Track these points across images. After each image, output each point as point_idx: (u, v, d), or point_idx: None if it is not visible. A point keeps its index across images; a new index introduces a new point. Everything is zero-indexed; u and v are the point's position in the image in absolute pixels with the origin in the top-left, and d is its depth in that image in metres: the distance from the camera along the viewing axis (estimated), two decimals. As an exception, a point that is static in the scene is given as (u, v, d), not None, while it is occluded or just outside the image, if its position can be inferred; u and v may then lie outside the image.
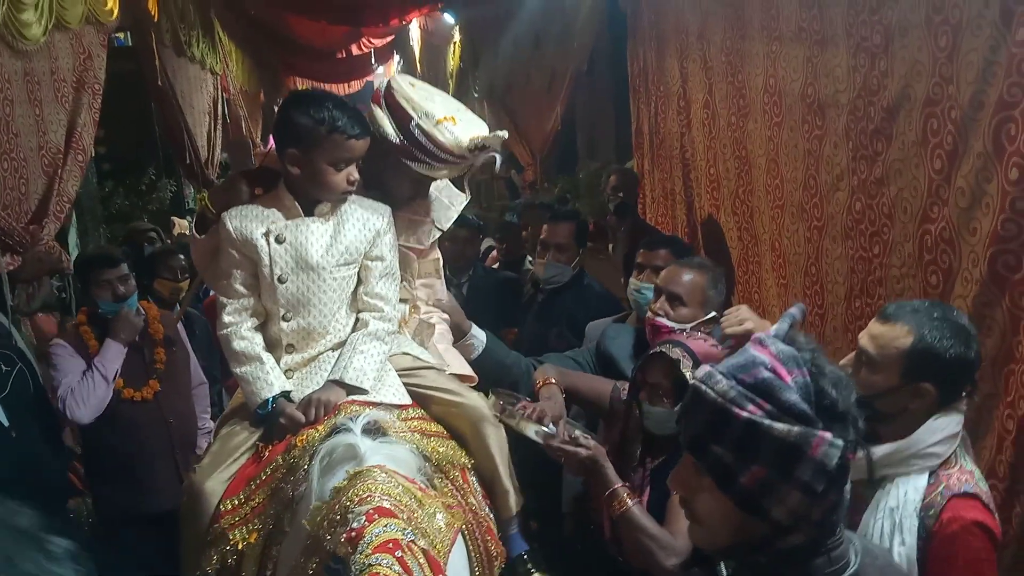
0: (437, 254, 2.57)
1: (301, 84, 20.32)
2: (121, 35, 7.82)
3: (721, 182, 4.45)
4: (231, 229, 2.17)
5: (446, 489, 2.10)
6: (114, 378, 3.44)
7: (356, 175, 2.18)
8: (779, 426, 1.35)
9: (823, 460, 1.33)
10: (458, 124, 2.23)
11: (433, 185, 2.44)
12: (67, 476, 3.53)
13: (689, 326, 2.65)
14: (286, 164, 2.14)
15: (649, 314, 2.70)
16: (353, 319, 2.26)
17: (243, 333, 2.19)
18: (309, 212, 2.19)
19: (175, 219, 9.54)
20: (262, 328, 2.24)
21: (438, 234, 2.51)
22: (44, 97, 4.32)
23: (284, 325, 2.19)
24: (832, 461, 1.34)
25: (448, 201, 2.51)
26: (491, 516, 2.23)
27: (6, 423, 3.20)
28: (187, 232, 9.11)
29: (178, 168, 9.01)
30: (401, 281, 2.40)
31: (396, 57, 17.45)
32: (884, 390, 1.96)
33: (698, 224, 4.87)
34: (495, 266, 5.14)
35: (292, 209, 2.18)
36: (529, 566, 2.29)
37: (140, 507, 3.49)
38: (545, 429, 2.29)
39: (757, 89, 3.83)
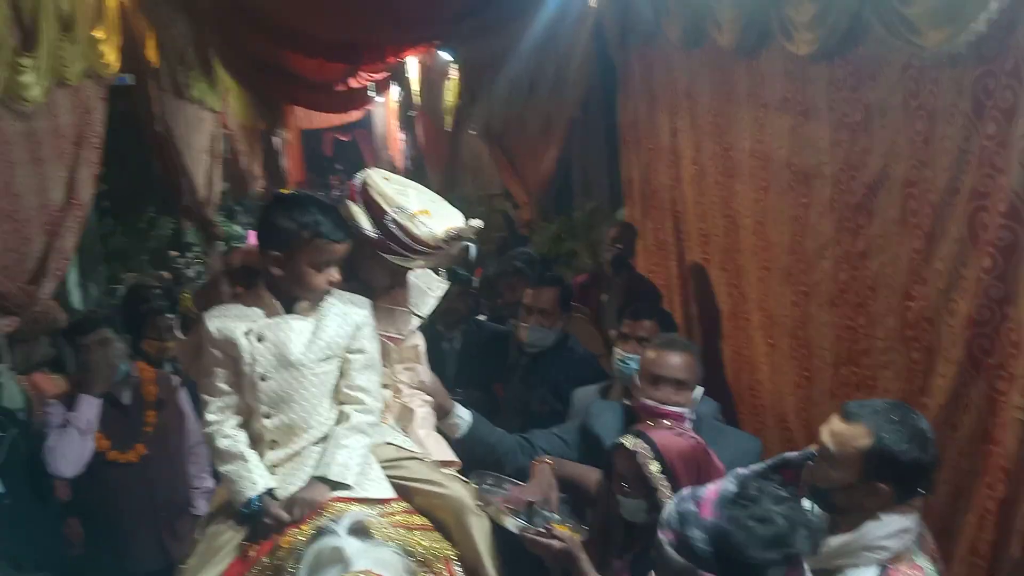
0: (417, 339, 2.60)
1: (302, 114, 20.49)
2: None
3: (711, 238, 4.50)
4: (212, 330, 2.20)
5: None
6: (91, 430, 3.42)
7: (337, 276, 2.22)
8: (672, 554, 1.50)
9: None
10: (432, 216, 2.28)
11: (411, 272, 2.49)
12: (60, 539, 3.53)
13: (690, 408, 2.69)
14: (268, 266, 2.18)
15: (652, 403, 2.70)
16: (335, 412, 2.28)
17: (226, 431, 2.21)
18: (289, 309, 2.23)
19: (175, 254, 9.61)
20: (245, 424, 2.26)
21: (417, 322, 2.55)
22: (45, 155, 4.37)
23: (266, 422, 2.21)
24: None
25: (426, 287, 2.55)
26: None
27: (2, 489, 3.24)
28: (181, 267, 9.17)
29: (177, 207, 9.06)
30: (383, 367, 2.44)
31: (395, 88, 17.59)
32: (841, 486, 2.02)
33: (689, 276, 4.92)
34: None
35: (272, 307, 2.21)
36: None
37: (123, 566, 3.50)
38: (521, 522, 2.31)
39: (744, 152, 3.89)
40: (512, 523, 2.31)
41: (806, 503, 2.13)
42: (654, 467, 2.24)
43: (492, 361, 4.38)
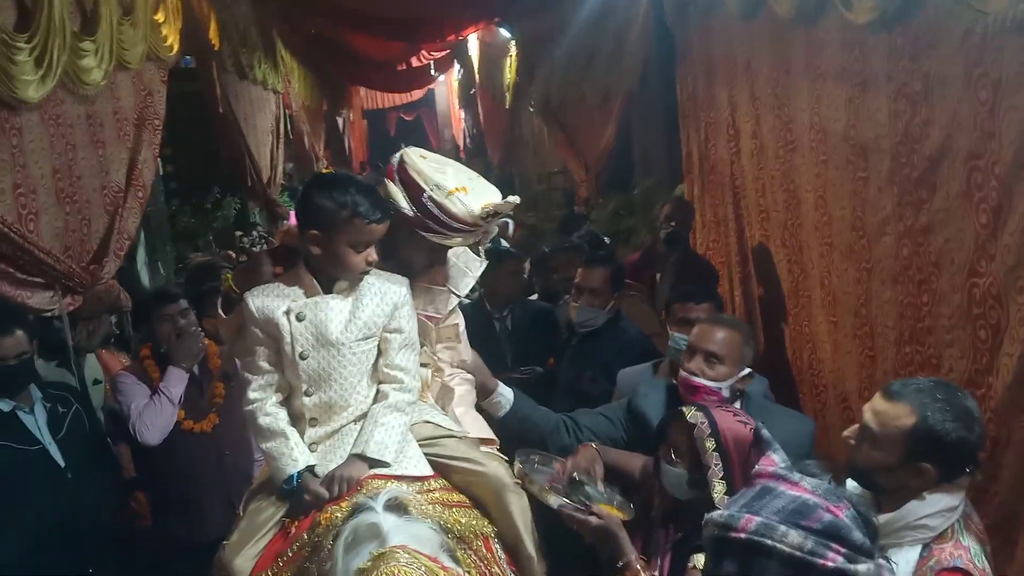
0: (457, 319, 2.59)
1: (365, 94, 20.65)
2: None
3: (771, 213, 4.39)
4: (253, 309, 2.22)
5: (469, 560, 2.11)
6: (179, 402, 3.53)
7: (375, 256, 2.23)
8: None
9: None
10: (470, 194, 2.27)
11: (450, 252, 2.47)
12: (122, 514, 3.62)
13: (726, 384, 2.64)
14: (308, 244, 2.19)
15: (684, 374, 2.69)
16: (374, 391, 2.30)
17: (268, 409, 2.25)
18: (328, 289, 2.24)
19: (239, 234, 9.80)
20: (286, 402, 2.29)
21: (456, 301, 2.53)
22: (107, 138, 4.45)
23: (306, 400, 2.24)
24: None
25: (465, 267, 2.54)
26: None
27: (63, 464, 3.33)
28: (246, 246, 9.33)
29: (241, 187, 9.21)
30: (421, 348, 2.43)
31: (456, 66, 17.59)
32: (884, 466, 1.95)
33: (749, 253, 4.81)
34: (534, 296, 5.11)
35: (312, 287, 2.23)
36: None
37: (193, 536, 3.58)
38: (562, 499, 2.31)
39: (803, 125, 3.77)
40: (553, 500, 2.30)
41: (849, 483, 2.07)
42: (709, 444, 2.22)
43: (542, 339, 4.37)
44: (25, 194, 3.51)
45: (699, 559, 2.20)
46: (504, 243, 6.72)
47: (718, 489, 2.20)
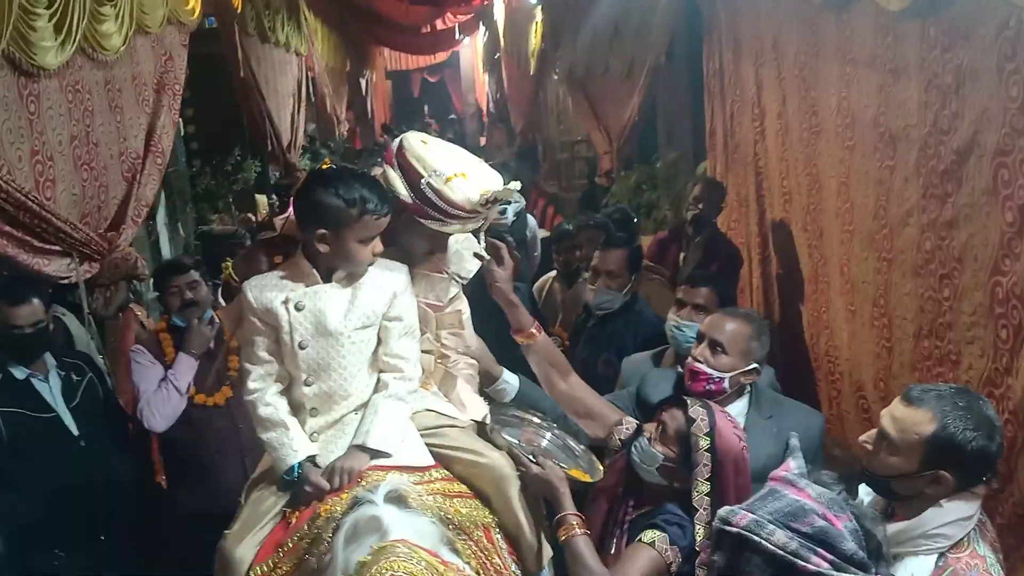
0: (460, 305, 2.55)
1: (389, 55, 20.53)
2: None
3: (793, 196, 4.33)
4: (251, 299, 2.20)
5: (469, 551, 2.10)
6: (187, 390, 3.54)
7: (380, 247, 2.20)
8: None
9: None
10: (468, 180, 2.21)
11: (453, 237, 2.44)
12: (135, 482, 3.65)
13: (728, 375, 2.62)
14: (315, 242, 2.16)
15: (689, 359, 2.67)
16: (375, 379, 2.27)
17: (268, 399, 2.23)
18: (327, 278, 2.22)
19: (260, 197, 9.81)
20: (287, 391, 2.27)
21: (457, 288, 2.50)
22: (125, 103, 4.43)
23: (306, 389, 2.22)
24: None
25: (468, 253, 2.50)
26: (517, 572, 2.23)
27: (76, 432, 3.35)
28: (265, 212, 9.33)
29: (262, 150, 9.20)
30: (422, 335, 2.41)
31: (482, 29, 17.43)
32: (901, 473, 1.92)
33: (770, 235, 4.76)
34: (552, 273, 5.06)
35: (310, 276, 2.20)
36: None
37: (208, 507, 3.61)
38: (513, 442, 2.33)
39: (830, 109, 3.70)
40: (501, 440, 2.32)
41: (863, 489, 2.05)
42: (703, 443, 2.21)
43: (536, 312, 4.35)
44: (42, 161, 3.51)
45: (648, 534, 2.22)
46: (531, 222, 6.68)
47: (701, 489, 2.20)
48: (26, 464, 3.19)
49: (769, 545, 1.45)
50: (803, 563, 1.41)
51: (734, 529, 1.55)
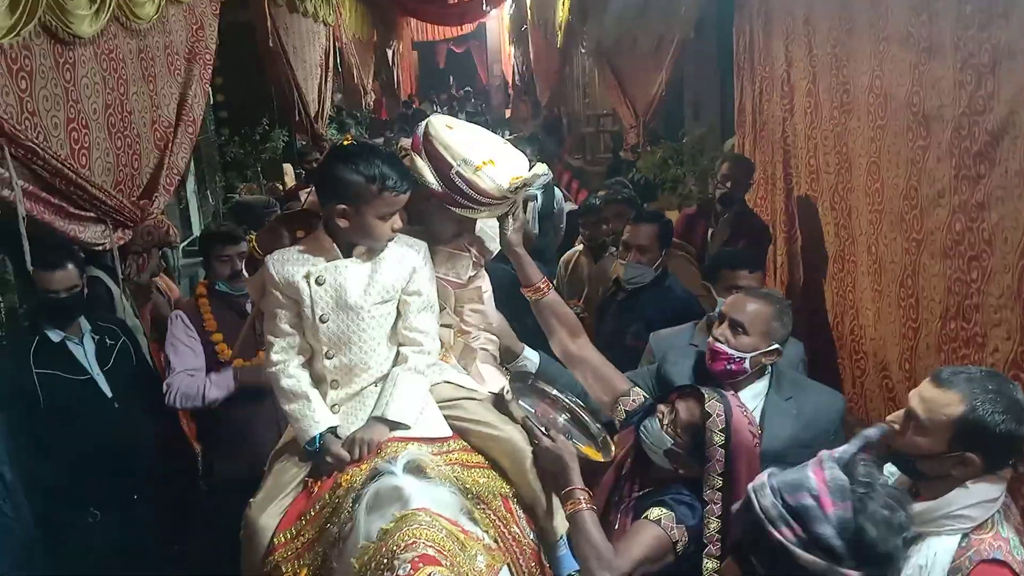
0: (479, 282, 2.58)
1: (415, 26, 20.45)
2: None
3: (821, 174, 4.31)
4: (273, 273, 2.24)
5: (487, 520, 2.15)
6: (212, 400, 3.55)
7: (400, 223, 2.24)
8: (806, 556, 1.40)
9: None
10: (497, 166, 2.24)
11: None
12: (168, 444, 3.71)
13: (749, 355, 2.63)
14: (335, 218, 2.19)
15: (710, 339, 2.68)
16: (394, 352, 2.31)
17: (290, 371, 2.27)
18: (348, 253, 2.25)
19: (286, 166, 9.86)
20: (309, 364, 2.31)
21: (478, 269, 2.53)
22: (157, 72, 4.46)
23: (327, 362, 2.26)
24: None
25: (492, 233, 2.52)
26: (536, 540, 2.27)
27: (110, 395, 3.43)
28: (292, 178, 9.38)
29: (289, 120, 9.23)
30: (441, 311, 2.44)
31: (509, 0, 17.32)
32: (929, 454, 1.93)
33: (796, 213, 4.75)
34: (579, 247, 5.06)
35: (331, 251, 2.24)
36: None
37: (245, 470, 3.66)
38: (529, 411, 2.34)
39: (862, 88, 3.67)
40: (518, 409, 2.34)
41: (887, 468, 2.06)
42: (717, 438, 2.22)
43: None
44: (78, 129, 3.55)
45: (655, 512, 2.24)
46: (558, 195, 6.66)
47: (714, 484, 2.21)
48: (61, 425, 3.27)
49: (756, 506, 1.51)
50: (772, 530, 1.46)
51: (750, 487, 1.62)
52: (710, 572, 2.17)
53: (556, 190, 6.71)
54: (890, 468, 2.07)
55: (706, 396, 2.28)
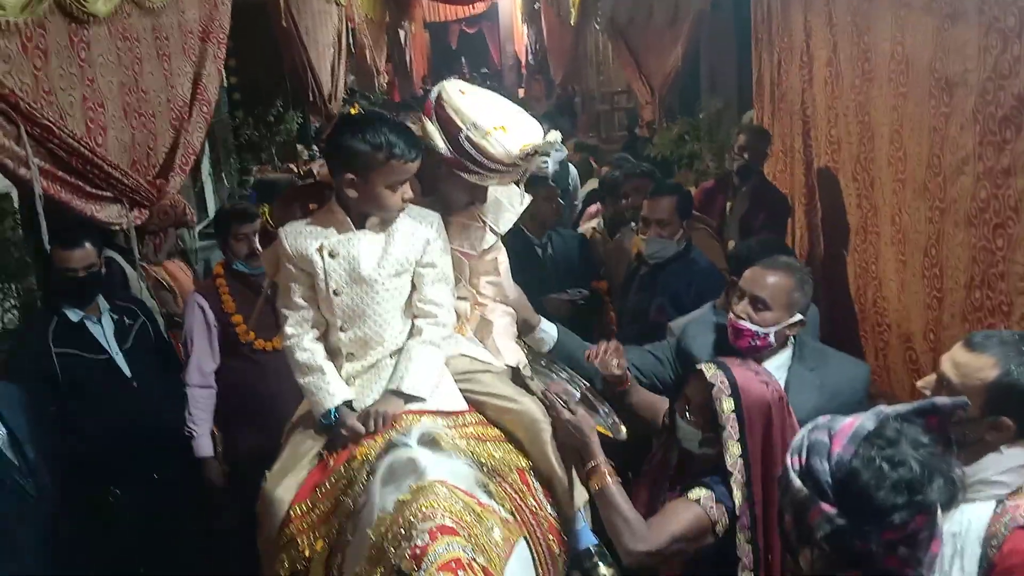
0: (496, 253, 2.54)
1: (427, 6, 20.36)
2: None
3: (842, 145, 4.26)
4: (287, 246, 2.23)
5: (503, 493, 2.14)
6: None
7: (410, 193, 2.22)
8: (796, 483, 1.46)
9: (815, 530, 1.42)
10: (508, 132, 2.20)
11: (492, 188, 2.43)
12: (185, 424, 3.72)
13: (772, 329, 2.59)
14: (343, 187, 2.17)
15: (732, 316, 2.63)
16: (409, 325, 2.30)
17: (305, 345, 2.27)
18: (361, 225, 2.23)
19: (300, 147, 9.85)
20: (323, 337, 2.31)
21: (493, 238, 2.49)
22: (172, 51, 4.45)
23: (342, 335, 2.25)
24: (818, 534, 1.42)
25: (507, 203, 2.48)
26: (553, 514, 2.26)
27: (129, 374, 3.44)
28: (305, 161, 9.36)
29: (303, 101, 9.21)
30: (457, 283, 2.42)
31: (522, -22, 17.21)
32: (962, 419, 1.90)
33: (816, 185, 4.69)
34: (595, 222, 5.02)
35: (344, 224, 2.22)
36: (595, 560, 2.27)
37: (267, 449, 3.66)
38: (541, 384, 2.34)
39: (883, 55, 3.61)
40: (536, 384, 2.34)
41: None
42: (727, 405, 2.18)
43: (582, 266, 4.34)
44: (93, 108, 3.55)
45: (694, 492, 2.21)
46: (573, 172, 6.63)
47: (732, 451, 2.17)
48: (81, 404, 3.29)
49: (795, 436, 1.59)
50: (790, 458, 1.53)
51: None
52: (743, 544, 2.15)
53: (571, 166, 6.67)
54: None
55: (704, 369, 2.25)
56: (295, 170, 8.89)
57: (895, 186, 3.66)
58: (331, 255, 2.20)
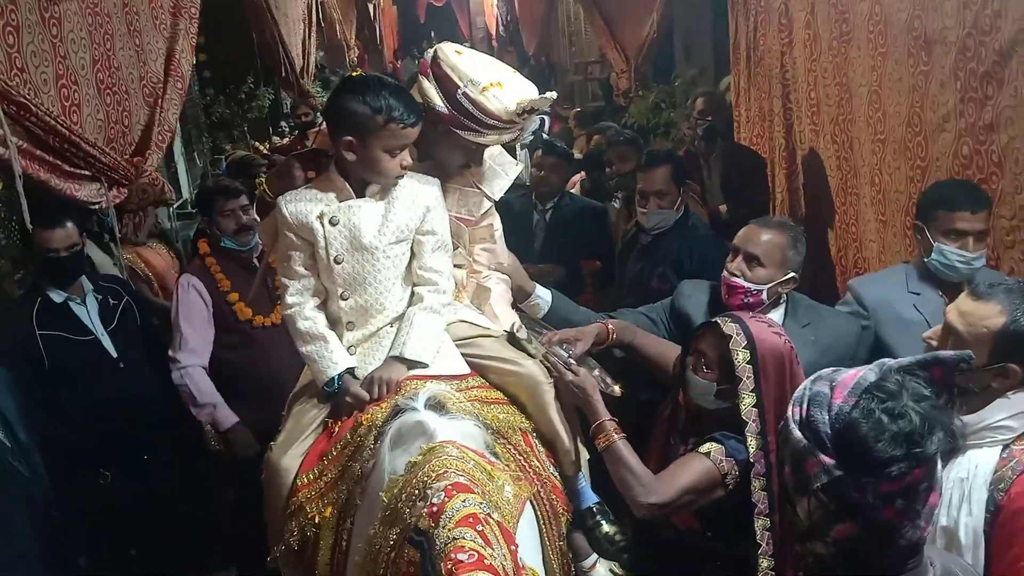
0: (491, 220, 2.55)
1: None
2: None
3: (821, 107, 4.27)
4: (287, 214, 2.21)
5: (508, 455, 2.15)
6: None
7: (409, 160, 2.21)
8: (796, 434, 1.46)
9: (813, 480, 1.42)
10: (504, 89, 2.21)
11: (487, 154, 2.43)
12: (173, 404, 3.69)
13: (766, 286, 2.61)
14: (341, 150, 2.16)
15: (725, 274, 2.66)
16: (409, 293, 2.30)
17: (306, 313, 2.26)
18: (361, 193, 2.23)
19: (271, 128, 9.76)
20: (324, 305, 2.30)
21: (489, 204, 2.50)
22: (143, 27, 4.37)
23: (343, 304, 2.25)
24: (815, 484, 1.42)
25: (501, 170, 2.49)
26: (555, 474, 2.28)
27: (115, 354, 3.41)
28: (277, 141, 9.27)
29: (275, 78, 9.10)
30: (455, 249, 2.42)
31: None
32: (969, 369, 1.93)
33: (796, 148, 4.71)
34: (574, 190, 5.01)
35: (344, 191, 2.21)
36: (598, 518, 2.30)
37: (267, 425, 3.64)
38: (542, 347, 2.34)
39: (861, 15, 3.62)
40: (535, 348, 2.34)
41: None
42: (742, 356, 2.20)
43: (585, 236, 4.33)
44: (67, 85, 3.48)
45: (705, 446, 2.24)
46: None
47: (747, 402, 2.19)
48: (67, 386, 3.26)
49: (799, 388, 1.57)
50: (790, 408, 1.53)
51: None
52: (758, 491, 2.18)
53: (545, 137, 6.65)
54: None
55: (720, 322, 2.28)
56: (263, 149, 8.78)
57: (875, 146, 3.68)
58: (332, 223, 2.19)
